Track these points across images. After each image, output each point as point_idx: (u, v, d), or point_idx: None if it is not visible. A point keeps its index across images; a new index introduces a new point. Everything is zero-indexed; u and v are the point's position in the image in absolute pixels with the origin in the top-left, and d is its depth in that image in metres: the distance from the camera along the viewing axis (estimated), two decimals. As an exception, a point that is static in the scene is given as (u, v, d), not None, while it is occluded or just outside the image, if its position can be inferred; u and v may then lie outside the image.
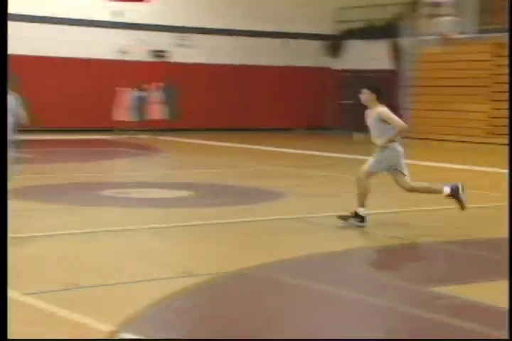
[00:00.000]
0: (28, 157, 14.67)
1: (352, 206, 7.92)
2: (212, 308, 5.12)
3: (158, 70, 21.61)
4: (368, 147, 8.37)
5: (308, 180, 12.22)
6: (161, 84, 20.23)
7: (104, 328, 4.46)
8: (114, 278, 5.79)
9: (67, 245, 7.00)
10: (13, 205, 8.94)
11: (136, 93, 20.03)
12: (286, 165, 13.83)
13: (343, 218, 7.91)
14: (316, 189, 11.10)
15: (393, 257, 7.20)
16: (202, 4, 23.02)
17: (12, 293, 5.14)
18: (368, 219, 7.85)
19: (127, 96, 20.00)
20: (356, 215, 7.80)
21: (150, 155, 16.76)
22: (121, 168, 14.68)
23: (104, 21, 21.59)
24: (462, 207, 8.09)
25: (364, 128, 8.39)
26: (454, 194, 8.02)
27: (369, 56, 23.65)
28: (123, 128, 20.05)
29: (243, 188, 11.04)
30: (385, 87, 9.71)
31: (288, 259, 6.44)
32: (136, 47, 22.10)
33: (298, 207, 9.35)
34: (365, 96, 7.97)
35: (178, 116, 20.67)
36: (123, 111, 19.98)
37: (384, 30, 22.98)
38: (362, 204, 7.83)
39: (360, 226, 7.82)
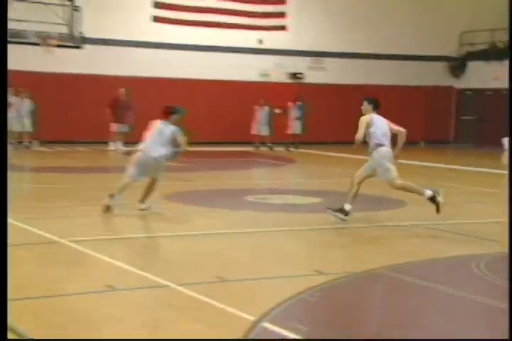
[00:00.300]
0: (181, 166, 15.26)
1: (471, 214, 7.70)
2: (343, 305, 5.13)
3: (293, 90, 21.88)
4: (483, 159, 8.14)
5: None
6: (298, 102, 20.45)
7: (247, 317, 4.58)
8: (254, 273, 5.93)
9: (214, 243, 7.22)
10: (169, 208, 9.40)
11: (271, 110, 20.37)
12: (410, 177, 13.59)
13: (333, 210, 8.37)
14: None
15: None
16: (331, 31, 23.27)
17: (169, 283, 5.40)
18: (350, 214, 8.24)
19: (265, 114, 20.38)
20: (341, 210, 8.28)
21: (285, 166, 16.95)
22: (260, 177, 14.94)
23: (248, 48, 22.22)
24: (438, 210, 8.12)
25: (484, 142, 8.23)
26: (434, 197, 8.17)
27: (490, 76, 23.03)
28: (262, 141, 20.44)
29: (368, 196, 10.96)
30: (503, 104, 9.52)
31: (412, 262, 6.36)
32: (275, 71, 22.75)
33: (419, 214, 9.19)
34: (364, 106, 8.79)
35: (307, 130, 20.78)
36: (260, 126, 20.36)
37: (506, 52, 22.21)
38: (351, 202, 8.30)
39: (343, 220, 8.19)
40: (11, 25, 16.46)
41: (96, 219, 8.57)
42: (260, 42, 22.52)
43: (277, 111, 20.40)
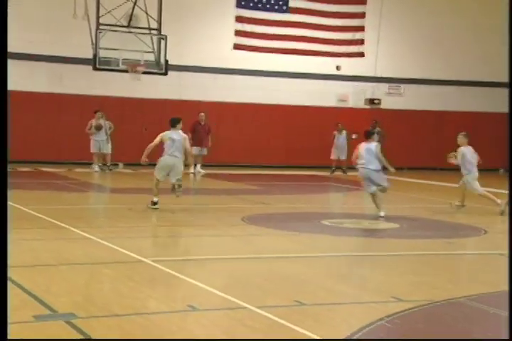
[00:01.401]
0: (257, 189, 15.31)
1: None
2: (422, 333, 4.97)
3: (370, 116, 21.71)
4: None
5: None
6: (378, 128, 20.22)
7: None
8: (331, 298, 5.83)
9: (291, 266, 7.16)
10: (246, 230, 9.41)
11: (349, 135, 20.24)
12: (487, 203, 13.19)
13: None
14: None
15: None
16: (408, 57, 23.09)
17: (248, 305, 5.37)
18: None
19: (343, 138, 20.25)
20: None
21: (361, 190, 16.74)
22: (336, 201, 14.81)
23: (327, 74, 22.28)
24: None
25: None
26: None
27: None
28: (338, 166, 20.30)
29: (448, 223, 10.69)
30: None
31: (493, 292, 6.12)
32: (352, 96, 22.73)
33: (500, 242, 8.87)
34: (459, 139, 11.90)
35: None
36: (339, 151, 20.23)
37: None
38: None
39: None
40: (102, 54, 17.07)
41: (177, 239, 8.67)
42: (338, 68, 22.55)
43: (354, 136, 20.24)
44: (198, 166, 18.36)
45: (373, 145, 11.12)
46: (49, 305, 5.18)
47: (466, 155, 11.68)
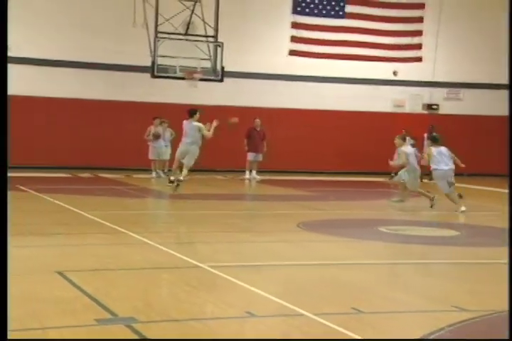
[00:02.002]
0: (312, 195, 15.27)
1: None
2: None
3: (427, 121, 21.41)
4: None
5: None
6: (431, 133, 19.91)
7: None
8: (390, 306, 5.75)
9: (347, 273, 7.09)
10: (302, 236, 9.39)
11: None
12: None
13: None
14: None
15: None
16: (467, 62, 22.69)
17: (305, 312, 5.35)
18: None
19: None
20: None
21: (418, 197, 16.50)
22: (393, 207, 14.61)
23: (383, 80, 22.10)
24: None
25: None
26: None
27: None
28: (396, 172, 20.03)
29: (506, 230, 10.43)
30: None
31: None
32: (409, 102, 22.47)
33: None
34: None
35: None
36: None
37: None
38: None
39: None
40: (160, 61, 17.34)
41: (233, 245, 8.71)
42: (395, 73, 22.32)
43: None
44: (254, 172, 18.42)
45: (443, 148, 12.36)
46: (110, 309, 5.27)
47: (408, 155, 12.76)
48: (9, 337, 4.52)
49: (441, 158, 11.98)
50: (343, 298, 5.99)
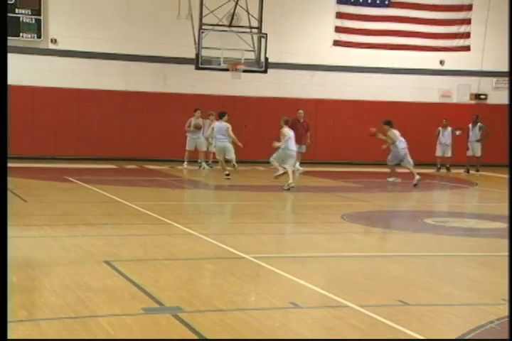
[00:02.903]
0: (356, 186, 15.18)
1: None
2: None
3: (475, 111, 21.01)
4: None
5: None
6: (477, 124, 19.59)
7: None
8: (437, 299, 5.69)
9: (393, 265, 7.03)
10: (347, 228, 9.35)
11: (452, 132, 19.67)
12: None
13: None
14: None
15: None
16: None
17: (350, 304, 5.33)
18: None
19: (447, 135, 19.67)
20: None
21: (465, 188, 16.27)
22: (439, 199, 14.43)
23: (430, 69, 21.78)
24: None
25: None
26: None
27: None
28: (442, 163, 19.78)
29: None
30: None
31: None
32: (457, 91, 22.10)
33: None
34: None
35: (486, 152, 19.76)
36: (444, 147, 19.69)
37: None
38: None
39: None
40: (204, 53, 17.40)
41: (277, 236, 8.72)
42: (442, 63, 21.96)
43: (458, 132, 19.65)
44: (297, 164, 18.37)
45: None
46: (157, 299, 5.35)
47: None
48: (61, 325, 4.63)
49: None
50: (388, 290, 5.96)
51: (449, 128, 19.60)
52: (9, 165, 4.98)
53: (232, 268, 6.59)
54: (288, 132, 13.84)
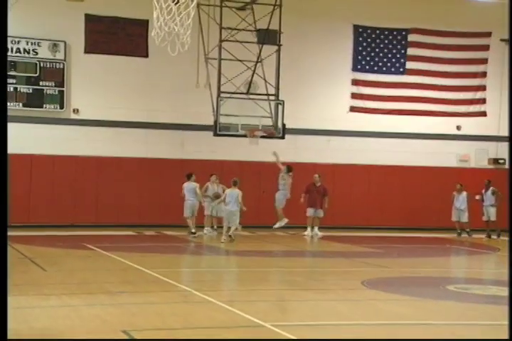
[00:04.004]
0: (375, 251, 15.03)
1: None
2: None
3: (492, 176, 20.97)
4: None
5: None
6: (492, 188, 19.46)
7: None
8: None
9: (414, 333, 6.88)
10: (367, 295, 9.21)
11: (469, 196, 19.54)
12: None
13: None
14: None
15: None
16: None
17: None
18: None
19: (462, 199, 19.57)
20: None
21: (487, 254, 16.05)
22: (460, 265, 14.22)
23: (447, 134, 21.93)
24: None
25: None
26: None
27: None
28: (461, 228, 19.60)
29: None
30: None
31: None
32: (475, 156, 22.16)
33: None
34: None
35: (498, 217, 19.49)
36: (459, 212, 19.57)
37: None
38: None
39: None
40: (222, 120, 17.70)
41: (297, 303, 8.61)
42: (459, 128, 22.13)
43: (477, 197, 19.56)
44: (316, 228, 18.30)
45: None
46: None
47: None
48: None
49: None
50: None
51: (464, 193, 19.53)
52: (28, 233, 5.02)
53: (252, 337, 6.49)
54: (227, 191, 15.58)
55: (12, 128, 17.94)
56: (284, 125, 18.00)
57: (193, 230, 16.71)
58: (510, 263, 4.76)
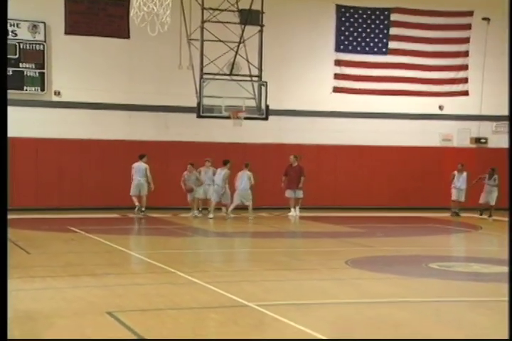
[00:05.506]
0: (359, 231, 15.13)
1: None
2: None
3: (474, 155, 21.11)
4: None
5: None
6: (496, 176, 19.36)
7: None
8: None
9: (397, 312, 6.97)
10: (350, 274, 9.29)
11: (460, 176, 19.60)
12: None
13: None
14: None
15: None
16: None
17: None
18: None
19: (463, 180, 19.56)
20: None
21: (468, 232, 16.22)
22: (443, 244, 14.35)
23: (429, 114, 21.99)
24: None
25: None
26: None
27: None
28: (453, 207, 19.66)
29: None
30: None
31: None
32: (457, 136, 22.25)
33: None
34: None
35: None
36: (459, 192, 19.58)
37: None
38: None
39: None
40: (206, 101, 17.63)
41: (281, 283, 8.67)
42: (441, 108, 22.19)
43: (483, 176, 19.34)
44: (296, 209, 18.44)
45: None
46: (160, 350, 5.29)
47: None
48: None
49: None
50: (395, 338, 5.89)
51: (464, 173, 19.58)
52: (12, 216, 5.00)
53: (236, 317, 6.54)
54: (238, 173, 17.36)
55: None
56: (267, 106, 17.96)
57: (143, 208, 17.42)
58: (510, 264, 4.80)
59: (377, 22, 21.65)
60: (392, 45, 21.75)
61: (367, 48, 21.63)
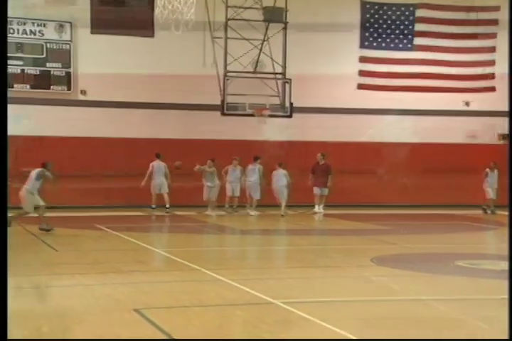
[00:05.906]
0: (384, 229, 15.07)
1: None
2: None
3: (503, 151, 20.82)
4: None
5: None
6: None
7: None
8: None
9: (424, 309, 6.94)
10: (376, 271, 9.26)
11: (493, 173, 19.40)
12: None
13: None
14: None
15: None
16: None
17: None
18: None
19: (494, 177, 19.39)
20: None
21: (497, 229, 16.06)
22: (471, 241, 14.22)
23: (455, 110, 21.79)
24: None
25: None
26: None
27: None
28: (488, 205, 19.46)
29: None
30: None
31: None
32: (483, 132, 21.99)
33: None
34: None
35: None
36: (492, 190, 19.41)
37: None
38: None
39: None
40: (230, 99, 17.67)
41: (306, 280, 8.67)
42: (467, 104, 21.98)
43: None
44: (321, 206, 18.43)
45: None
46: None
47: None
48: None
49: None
50: (423, 335, 5.87)
51: (496, 171, 19.42)
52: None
53: (262, 315, 6.56)
54: (274, 172, 17.74)
55: (20, 109, 18.21)
56: (291, 103, 17.95)
57: (167, 205, 17.67)
58: (510, 261, 4.75)
59: (403, 18, 21.51)
60: (418, 41, 21.59)
61: (392, 45, 21.49)
